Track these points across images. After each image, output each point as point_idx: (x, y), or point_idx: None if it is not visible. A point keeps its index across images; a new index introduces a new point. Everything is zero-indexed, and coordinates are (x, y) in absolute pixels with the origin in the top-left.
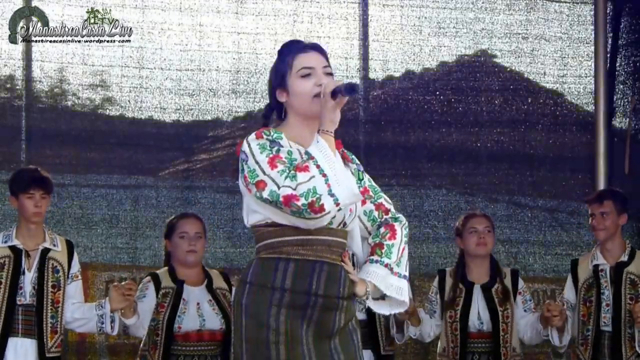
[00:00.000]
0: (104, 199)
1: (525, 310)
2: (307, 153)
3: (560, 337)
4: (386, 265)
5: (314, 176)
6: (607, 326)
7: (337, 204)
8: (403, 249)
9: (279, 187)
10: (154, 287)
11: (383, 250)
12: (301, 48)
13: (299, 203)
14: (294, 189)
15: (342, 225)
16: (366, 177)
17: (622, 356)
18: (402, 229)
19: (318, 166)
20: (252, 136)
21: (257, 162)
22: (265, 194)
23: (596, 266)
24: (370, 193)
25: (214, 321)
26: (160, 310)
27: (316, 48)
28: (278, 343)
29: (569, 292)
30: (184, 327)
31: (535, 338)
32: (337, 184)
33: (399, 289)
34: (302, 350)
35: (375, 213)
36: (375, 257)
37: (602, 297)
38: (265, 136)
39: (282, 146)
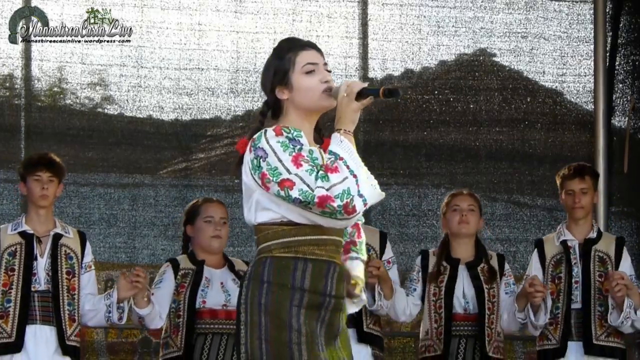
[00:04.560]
0: (102, 198)
1: (506, 293)
2: (332, 153)
3: (537, 316)
4: None
5: (346, 177)
6: (577, 303)
7: (365, 204)
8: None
9: (311, 188)
10: (172, 271)
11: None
12: (301, 46)
13: (335, 204)
14: (328, 190)
15: None
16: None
17: (591, 334)
18: None
19: (348, 167)
20: (271, 133)
21: (280, 160)
22: (294, 194)
23: (564, 242)
24: None
25: None
26: (181, 290)
27: (314, 46)
28: (300, 344)
29: (535, 272)
30: (209, 302)
31: (512, 322)
32: (364, 184)
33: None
34: (318, 350)
35: None
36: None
37: (572, 274)
38: (285, 133)
39: (303, 144)
